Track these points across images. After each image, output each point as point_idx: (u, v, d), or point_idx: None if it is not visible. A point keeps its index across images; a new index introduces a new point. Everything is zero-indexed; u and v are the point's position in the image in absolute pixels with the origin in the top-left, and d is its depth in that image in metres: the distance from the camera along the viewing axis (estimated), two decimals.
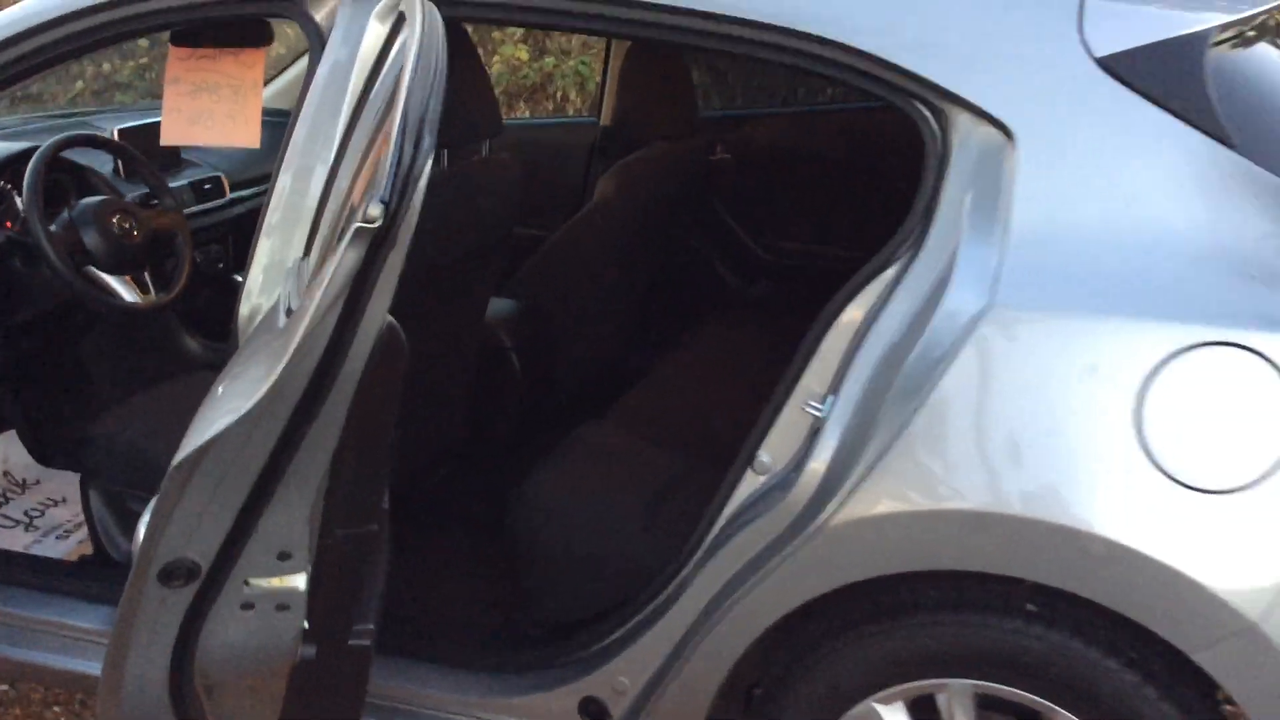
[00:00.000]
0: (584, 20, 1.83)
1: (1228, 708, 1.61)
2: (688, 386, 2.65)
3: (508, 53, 6.35)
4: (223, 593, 1.48)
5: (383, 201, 1.24)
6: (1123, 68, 1.59)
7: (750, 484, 1.76)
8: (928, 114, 1.65)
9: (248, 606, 1.49)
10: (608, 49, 3.40)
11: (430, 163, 1.28)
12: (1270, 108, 1.67)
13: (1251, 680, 1.52)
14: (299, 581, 1.46)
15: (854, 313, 1.70)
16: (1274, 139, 1.60)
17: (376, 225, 1.24)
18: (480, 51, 3.10)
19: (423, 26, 1.37)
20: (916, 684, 1.69)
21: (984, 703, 1.70)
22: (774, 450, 1.75)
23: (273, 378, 1.31)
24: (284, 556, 1.46)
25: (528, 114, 6.19)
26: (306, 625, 1.50)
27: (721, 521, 1.78)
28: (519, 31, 6.12)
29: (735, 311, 3.21)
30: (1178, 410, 1.50)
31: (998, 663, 1.65)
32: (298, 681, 1.52)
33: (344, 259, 1.26)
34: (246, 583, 1.47)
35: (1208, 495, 1.49)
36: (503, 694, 1.96)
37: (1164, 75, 1.59)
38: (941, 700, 1.70)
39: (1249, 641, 1.49)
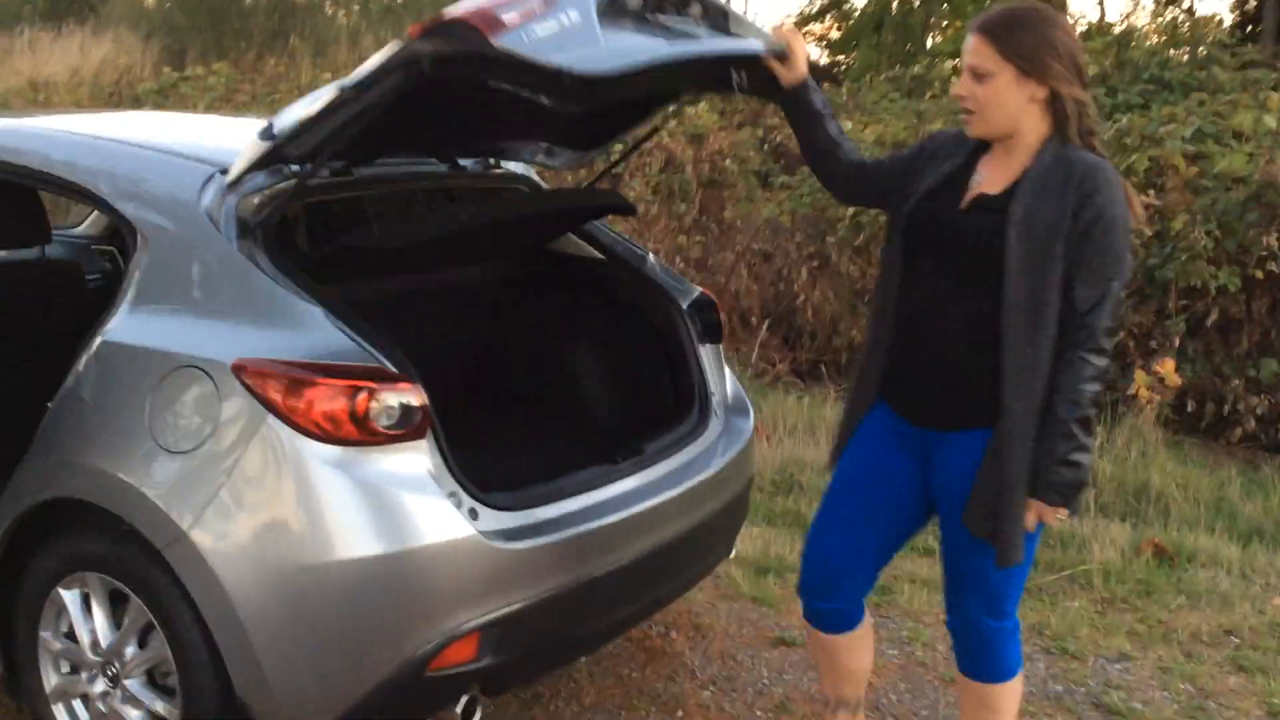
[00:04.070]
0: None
1: None
2: None
3: None
4: None
5: None
6: (211, 210, 2.71)
7: None
8: (123, 227, 2.80)
9: None
10: None
11: None
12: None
13: (188, 570, 2.51)
14: None
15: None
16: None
17: None
18: None
19: None
20: (73, 576, 2.75)
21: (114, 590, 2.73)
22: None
23: None
24: None
25: None
26: None
27: None
28: None
29: None
30: (166, 404, 2.56)
31: (103, 561, 2.69)
32: None
33: None
34: None
35: (176, 455, 2.54)
36: None
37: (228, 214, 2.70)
38: (91, 587, 2.75)
39: (184, 544, 2.50)
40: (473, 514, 2.58)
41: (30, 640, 2.85)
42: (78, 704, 2.84)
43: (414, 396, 2.53)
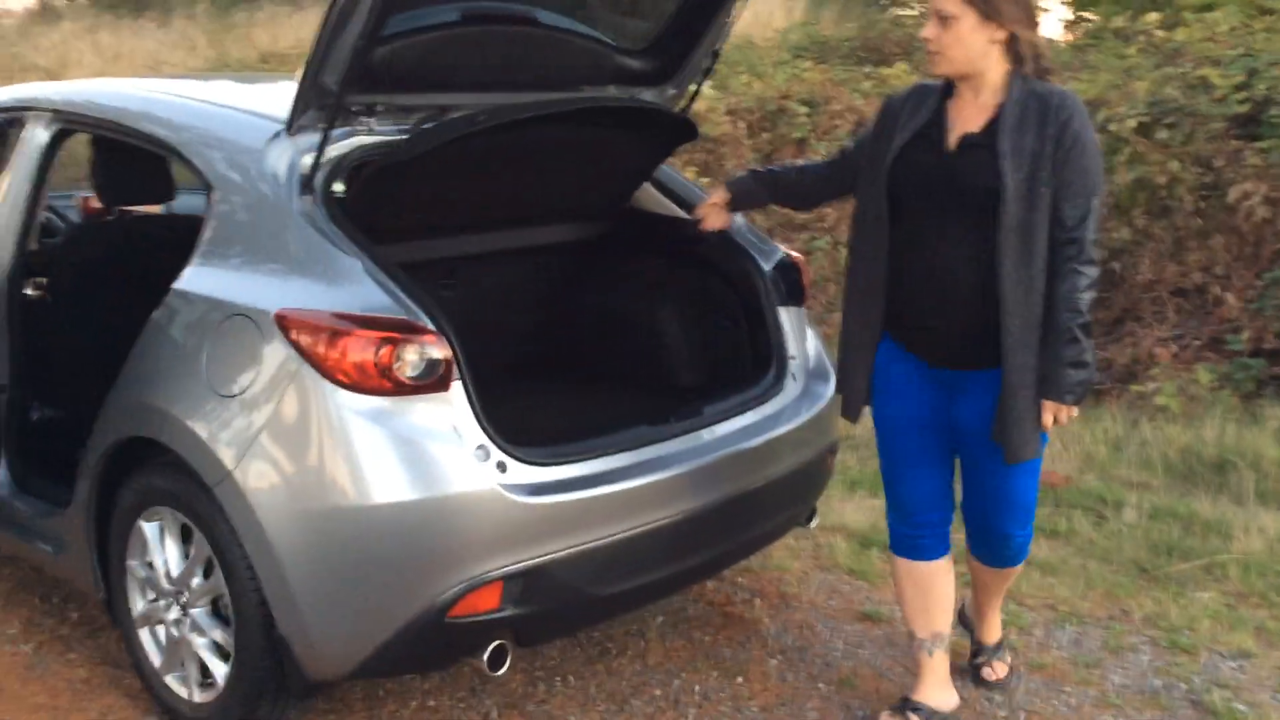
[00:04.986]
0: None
1: None
2: None
3: None
4: None
5: None
6: (274, 166, 2.84)
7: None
8: (201, 182, 2.97)
9: None
10: None
11: None
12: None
13: (234, 508, 2.66)
14: None
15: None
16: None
17: None
18: None
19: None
20: (152, 510, 2.95)
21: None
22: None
23: None
24: None
25: None
26: None
27: None
28: None
29: None
30: (219, 351, 2.72)
31: (172, 497, 2.88)
32: None
33: None
34: None
35: (226, 398, 2.69)
36: None
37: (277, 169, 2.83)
38: (165, 520, 2.95)
39: (230, 483, 2.65)
40: (501, 467, 2.63)
41: (121, 568, 3.09)
42: (160, 629, 3.06)
43: (438, 349, 2.59)
